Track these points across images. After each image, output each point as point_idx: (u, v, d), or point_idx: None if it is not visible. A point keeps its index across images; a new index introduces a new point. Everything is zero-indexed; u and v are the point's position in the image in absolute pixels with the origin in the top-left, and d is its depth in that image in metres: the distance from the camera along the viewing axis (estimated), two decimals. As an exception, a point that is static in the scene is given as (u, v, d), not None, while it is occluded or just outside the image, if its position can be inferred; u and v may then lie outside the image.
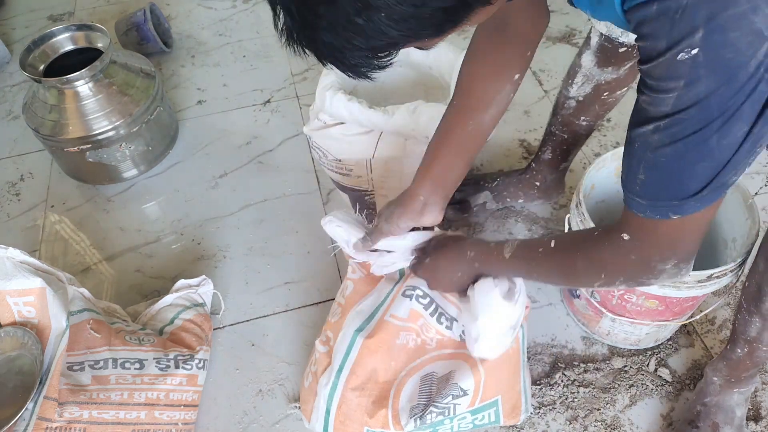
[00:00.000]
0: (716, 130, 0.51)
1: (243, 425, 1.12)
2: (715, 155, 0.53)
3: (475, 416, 1.00)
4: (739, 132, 0.51)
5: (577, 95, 1.16)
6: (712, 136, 0.51)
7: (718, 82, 0.49)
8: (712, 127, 0.51)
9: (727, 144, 0.52)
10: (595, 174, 1.12)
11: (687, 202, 0.56)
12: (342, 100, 1.10)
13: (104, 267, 1.38)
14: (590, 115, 1.19)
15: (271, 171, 1.55)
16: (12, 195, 1.55)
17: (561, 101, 1.21)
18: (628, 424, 1.10)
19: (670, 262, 0.64)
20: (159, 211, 1.49)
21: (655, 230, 0.62)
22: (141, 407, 1.01)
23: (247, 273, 1.34)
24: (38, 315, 0.99)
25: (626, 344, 1.18)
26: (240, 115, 1.70)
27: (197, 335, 1.14)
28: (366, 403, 0.96)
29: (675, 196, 0.57)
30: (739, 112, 0.50)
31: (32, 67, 1.40)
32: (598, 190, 1.16)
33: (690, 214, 0.57)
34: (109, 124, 1.40)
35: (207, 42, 1.94)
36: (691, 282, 0.96)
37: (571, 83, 1.16)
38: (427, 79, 1.27)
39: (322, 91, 1.14)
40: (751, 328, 0.93)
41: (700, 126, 0.51)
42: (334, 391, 0.97)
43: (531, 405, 1.05)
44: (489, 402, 0.99)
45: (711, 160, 0.53)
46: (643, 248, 0.65)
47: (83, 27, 1.46)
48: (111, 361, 1.01)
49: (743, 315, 0.93)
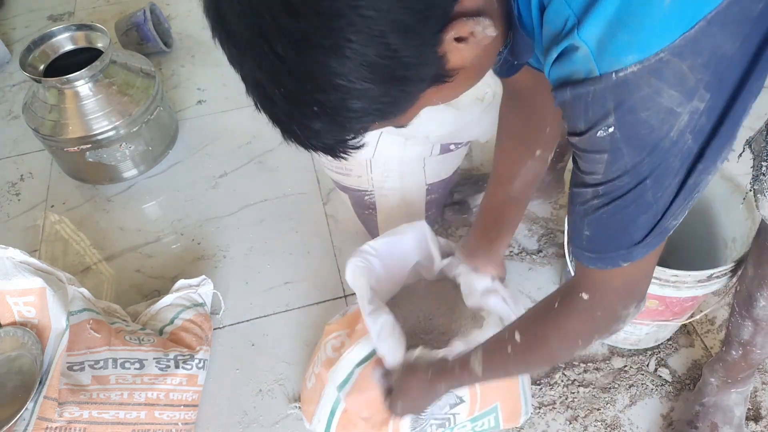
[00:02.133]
0: (650, 188, 0.54)
1: (243, 425, 1.12)
2: (652, 207, 0.56)
3: (475, 423, 1.00)
4: (672, 184, 0.55)
5: None
6: (647, 192, 0.55)
7: (640, 154, 0.52)
8: (646, 185, 0.54)
9: (663, 196, 0.55)
10: (595, 174, 1.11)
11: (634, 250, 0.59)
12: (342, 100, 1.10)
13: (104, 267, 1.38)
14: None
15: (271, 171, 1.55)
16: (12, 195, 1.55)
17: None
18: (628, 424, 1.10)
19: (632, 306, 0.67)
20: (159, 211, 1.49)
21: (610, 281, 0.64)
22: (141, 407, 1.01)
23: (247, 273, 1.34)
24: (38, 315, 0.99)
25: (626, 344, 1.18)
26: (240, 115, 1.70)
27: (197, 335, 1.14)
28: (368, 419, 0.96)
29: (621, 246, 0.60)
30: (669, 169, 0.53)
31: (32, 67, 1.40)
32: (598, 190, 1.16)
33: (638, 259, 0.60)
34: (109, 124, 1.40)
35: (207, 42, 1.92)
36: (691, 282, 0.96)
37: None
38: (427, 79, 1.27)
39: (322, 91, 1.13)
40: (744, 331, 0.93)
41: (633, 186, 0.54)
42: (337, 405, 0.98)
43: (531, 406, 1.05)
44: (488, 409, 0.99)
45: (650, 212, 0.56)
46: (604, 302, 0.67)
47: (83, 27, 1.46)
48: (111, 361, 1.01)
49: (736, 319, 0.94)
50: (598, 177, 0.56)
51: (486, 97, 1.11)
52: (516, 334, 0.77)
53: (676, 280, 0.95)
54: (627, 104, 0.50)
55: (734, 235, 1.06)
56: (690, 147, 0.52)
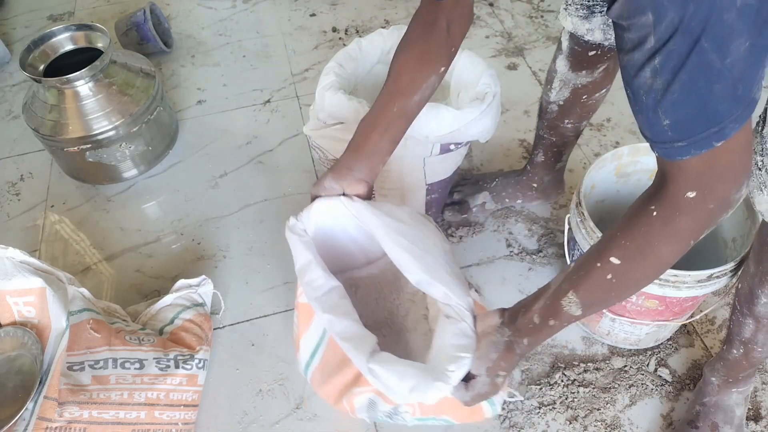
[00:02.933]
0: (711, 51, 0.51)
1: (243, 425, 1.12)
2: (724, 74, 0.52)
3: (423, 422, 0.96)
4: (740, 47, 0.51)
5: (557, 100, 1.17)
6: (709, 56, 0.51)
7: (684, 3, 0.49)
8: (703, 47, 0.51)
9: (733, 61, 0.52)
10: (595, 174, 1.12)
11: (726, 126, 0.55)
12: (342, 100, 1.10)
13: (104, 267, 1.38)
14: (573, 117, 1.19)
15: (271, 171, 1.55)
16: (12, 195, 1.55)
17: (544, 106, 1.22)
18: (628, 424, 1.10)
19: (743, 186, 0.62)
20: (159, 211, 1.49)
21: (713, 167, 0.59)
22: (141, 407, 1.01)
23: (247, 273, 1.34)
24: (38, 315, 0.99)
25: (626, 344, 1.18)
26: (240, 115, 1.70)
27: (197, 335, 1.14)
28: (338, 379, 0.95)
29: (711, 124, 0.56)
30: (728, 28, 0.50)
31: (32, 67, 1.40)
32: (598, 190, 1.16)
33: (732, 135, 0.56)
34: (109, 124, 1.40)
35: (207, 42, 1.94)
36: (691, 282, 0.96)
37: (550, 88, 1.17)
38: (427, 79, 1.27)
39: (322, 91, 1.14)
40: (745, 329, 0.93)
41: (690, 48, 0.51)
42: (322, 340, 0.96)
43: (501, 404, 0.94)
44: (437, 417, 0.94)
45: (724, 80, 0.53)
46: (715, 192, 0.61)
47: (83, 27, 1.46)
48: (111, 361, 1.01)
49: (737, 317, 0.94)
50: (649, 46, 0.52)
51: (486, 97, 1.11)
52: (612, 259, 0.69)
53: (676, 280, 0.95)
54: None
55: (734, 235, 1.06)
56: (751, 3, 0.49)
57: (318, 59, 1.84)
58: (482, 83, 1.14)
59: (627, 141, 1.55)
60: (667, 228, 0.65)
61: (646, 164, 1.15)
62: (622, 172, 1.16)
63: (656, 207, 0.65)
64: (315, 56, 1.86)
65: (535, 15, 1.96)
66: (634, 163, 1.15)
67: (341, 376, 0.95)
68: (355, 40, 1.23)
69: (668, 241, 0.66)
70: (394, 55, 0.95)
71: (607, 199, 1.19)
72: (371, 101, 1.11)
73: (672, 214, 0.64)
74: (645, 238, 0.67)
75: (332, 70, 1.17)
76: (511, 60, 1.81)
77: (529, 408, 1.11)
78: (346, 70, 1.20)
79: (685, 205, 0.62)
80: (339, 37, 1.92)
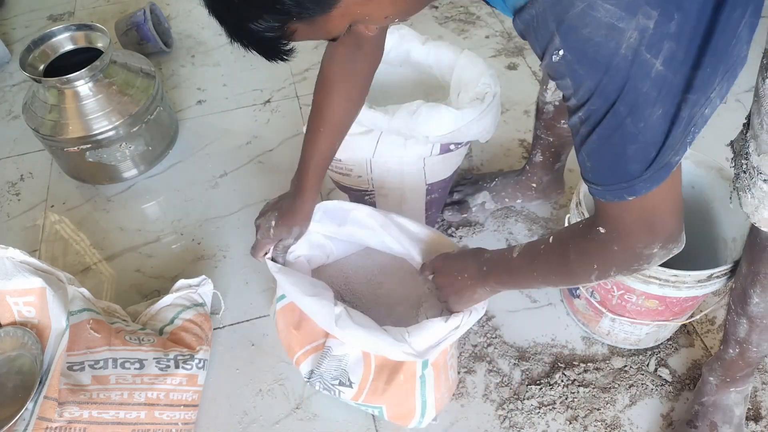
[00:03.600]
0: (627, 115, 0.55)
1: (243, 425, 1.12)
2: (638, 138, 0.56)
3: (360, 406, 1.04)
4: (655, 114, 0.55)
5: (553, 100, 1.18)
6: (625, 120, 0.55)
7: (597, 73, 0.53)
8: (619, 111, 0.55)
9: (647, 126, 0.55)
10: (595, 174, 1.12)
11: (635, 183, 0.59)
12: (342, 100, 1.10)
13: (104, 267, 1.38)
14: None
15: (271, 171, 1.55)
16: (12, 195, 1.55)
17: (540, 106, 1.23)
18: (628, 424, 1.10)
19: (655, 246, 0.66)
20: (159, 211, 1.49)
21: (622, 215, 0.64)
22: (141, 407, 1.01)
23: (247, 273, 1.34)
24: (38, 315, 0.99)
25: (626, 344, 1.18)
26: (240, 115, 1.70)
27: (197, 335, 1.14)
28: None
29: (621, 179, 0.60)
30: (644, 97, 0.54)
31: (32, 66, 1.40)
32: (598, 190, 1.16)
33: (643, 194, 0.60)
34: (109, 124, 1.40)
35: (207, 42, 1.94)
36: (691, 282, 0.96)
37: (546, 89, 1.18)
38: (427, 79, 1.27)
39: (322, 91, 1.13)
40: (740, 329, 0.93)
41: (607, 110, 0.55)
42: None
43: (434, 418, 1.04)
44: (372, 405, 1.02)
45: (638, 143, 0.57)
46: (621, 238, 0.66)
47: (83, 27, 1.46)
48: (111, 361, 1.01)
49: (732, 316, 0.94)
50: (574, 102, 0.57)
51: (486, 97, 1.11)
52: (551, 237, 0.78)
53: (676, 280, 0.96)
54: (566, 23, 0.51)
55: (734, 235, 1.06)
56: (665, 75, 0.52)
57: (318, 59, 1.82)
58: (482, 83, 1.14)
59: (627, 141, 1.55)
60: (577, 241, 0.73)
61: (646, 164, 1.15)
62: (622, 172, 1.16)
63: (584, 223, 0.73)
64: (315, 56, 1.86)
65: (535, 15, 1.96)
66: (634, 163, 1.15)
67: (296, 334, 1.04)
68: (355, 40, 1.23)
69: (576, 253, 0.74)
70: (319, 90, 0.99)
71: (607, 199, 1.19)
72: (371, 101, 1.11)
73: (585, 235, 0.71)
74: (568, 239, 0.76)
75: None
76: (511, 60, 1.81)
77: (529, 408, 1.11)
78: (346, 70, 1.19)
79: (594, 235, 0.69)
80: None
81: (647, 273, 0.96)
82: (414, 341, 0.89)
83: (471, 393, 1.14)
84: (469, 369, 1.16)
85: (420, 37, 1.26)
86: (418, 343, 0.89)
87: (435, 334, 0.90)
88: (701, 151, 1.10)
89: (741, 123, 0.79)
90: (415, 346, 0.89)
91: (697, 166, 1.11)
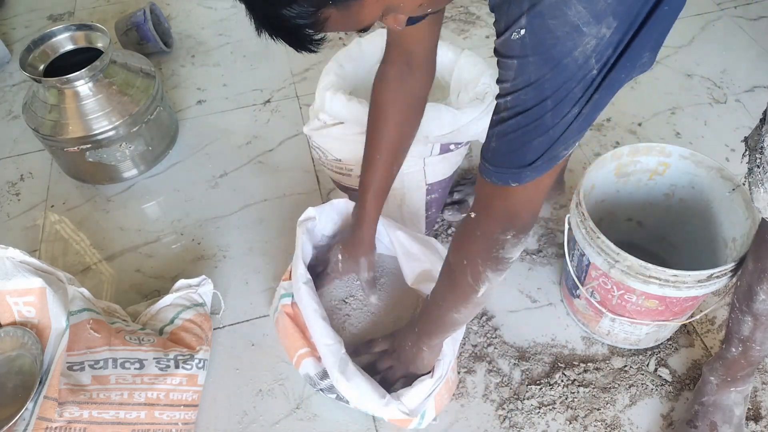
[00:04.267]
0: (550, 110, 0.57)
1: (243, 425, 1.12)
2: (549, 132, 0.59)
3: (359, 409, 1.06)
4: (570, 113, 0.58)
5: None
6: (546, 114, 0.58)
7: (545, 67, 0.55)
8: (546, 106, 0.57)
9: (560, 123, 0.58)
10: (595, 174, 1.12)
11: (524, 171, 0.63)
12: (342, 100, 1.10)
13: (104, 267, 1.38)
14: None
15: (271, 171, 1.55)
16: (12, 195, 1.55)
17: None
18: (628, 424, 1.10)
19: (509, 233, 0.70)
20: (159, 211, 1.49)
21: (494, 199, 0.69)
22: (141, 407, 1.01)
23: (247, 273, 1.34)
24: (38, 315, 0.99)
25: (626, 344, 1.18)
26: (240, 115, 1.70)
27: (197, 335, 1.14)
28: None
29: (514, 165, 0.63)
30: (571, 96, 0.56)
31: (32, 66, 1.40)
32: (598, 190, 1.16)
33: (525, 183, 0.64)
34: (109, 124, 1.40)
35: (207, 42, 1.94)
36: (691, 282, 0.96)
37: None
38: (427, 79, 1.27)
39: (322, 91, 1.14)
40: (744, 327, 0.93)
41: (536, 103, 0.57)
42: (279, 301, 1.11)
43: (434, 418, 1.06)
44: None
45: (546, 136, 0.60)
46: (485, 222, 0.71)
47: (83, 27, 1.46)
48: (111, 361, 1.01)
49: (736, 314, 0.94)
50: (507, 86, 0.59)
51: (486, 97, 1.11)
52: None
53: (676, 280, 0.96)
54: (538, 7, 0.53)
55: (734, 235, 1.06)
56: (593, 77, 0.55)
57: (318, 59, 1.84)
58: (482, 83, 1.14)
59: (627, 141, 1.55)
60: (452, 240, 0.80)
61: (646, 164, 1.15)
62: (621, 172, 1.16)
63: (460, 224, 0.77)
64: (315, 56, 1.85)
65: (535, 15, 1.96)
66: (634, 163, 1.15)
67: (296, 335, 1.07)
68: (355, 40, 1.23)
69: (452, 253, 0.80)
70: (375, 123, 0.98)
71: (607, 199, 1.19)
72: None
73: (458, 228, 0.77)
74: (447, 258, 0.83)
75: (332, 70, 1.17)
76: (511, 60, 1.81)
77: (529, 408, 1.11)
78: (346, 70, 1.20)
79: (465, 222, 0.74)
80: (339, 36, 1.92)
81: (648, 273, 0.96)
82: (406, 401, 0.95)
83: (471, 393, 1.14)
84: (469, 369, 1.16)
85: (420, 37, 1.26)
86: (410, 402, 0.96)
87: (424, 391, 0.96)
88: (701, 151, 1.10)
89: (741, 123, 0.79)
90: (408, 405, 0.96)
91: (697, 166, 1.11)
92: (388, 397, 0.93)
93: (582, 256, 1.06)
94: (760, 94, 1.63)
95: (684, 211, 1.17)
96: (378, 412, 0.97)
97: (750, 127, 0.87)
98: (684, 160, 1.12)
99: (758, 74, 1.68)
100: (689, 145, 1.37)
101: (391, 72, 0.94)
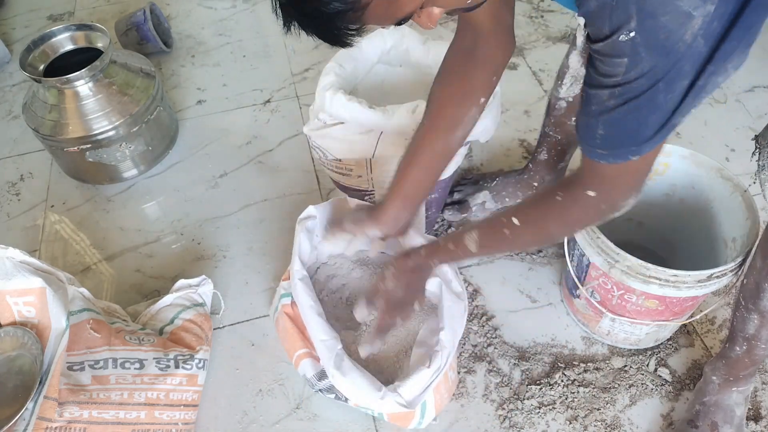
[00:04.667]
0: (662, 90, 0.59)
1: (243, 425, 1.12)
2: (663, 107, 0.61)
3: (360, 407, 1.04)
4: (681, 86, 0.59)
5: (567, 96, 1.17)
6: (659, 94, 0.59)
7: (657, 56, 0.56)
8: (659, 87, 0.58)
9: (673, 97, 0.60)
10: (595, 174, 1.12)
11: (644, 146, 0.64)
12: (342, 100, 1.10)
13: (104, 267, 1.38)
14: None
15: (271, 171, 1.55)
16: (12, 195, 1.55)
17: (552, 102, 1.22)
18: (628, 424, 1.10)
19: (632, 197, 0.73)
20: (159, 211, 1.49)
21: (618, 176, 0.70)
22: (141, 407, 1.01)
23: (247, 273, 1.34)
24: (38, 315, 0.99)
25: (626, 344, 1.18)
26: (240, 115, 1.70)
27: (197, 335, 1.14)
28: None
29: (633, 143, 0.64)
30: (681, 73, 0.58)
31: (32, 66, 1.40)
32: (598, 190, 1.16)
33: (646, 153, 0.66)
34: (109, 124, 1.40)
35: (207, 42, 1.94)
36: (691, 282, 0.96)
37: (561, 84, 1.17)
38: (427, 79, 1.27)
39: (322, 91, 1.14)
40: (750, 325, 0.93)
41: (648, 88, 0.59)
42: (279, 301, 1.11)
43: (434, 418, 1.05)
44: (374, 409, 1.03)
45: (661, 111, 0.61)
46: (610, 196, 0.72)
47: (83, 27, 1.46)
48: (111, 361, 1.01)
49: (741, 312, 0.94)
50: (616, 79, 0.60)
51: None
52: (514, 219, 0.81)
53: (676, 280, 0.96)
54: (648, 7, 0.54)
55: (734, 235, 1.06)
56: (701, 50, 0.56)
57: (318, 59, 1.84)
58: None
59: (627, 141, 1.55)
60: (562, 214, 0.78)
61: (646, 164, 1.15)
62: (622, 172, 1.16)
63: (562, 194, 0.76)
64: (315, 56, 1.86)
65: (535, 15, 1.96)
66: (634, 163, 1.15)
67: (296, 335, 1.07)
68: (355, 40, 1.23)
69: (559, 224, 0.80)
70: (432, 87, 0.95)
71: (607, 199, 1.19)
72: (371, 101, 1.11)
73: (571, 204, 0.76)
74: (543, 215, 0.80)
75: (332, 70, 1.17)
76: (511, 60, 1.80)
77: (529, 408, 1.11)
78: (346, 70, 1.20)
79: (583, 201, 0.74)
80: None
81: (648, 273, 0.96)
82: (404, 392, 0.92)
83: (471, 393, 1.14)
84: (469, 369, 1.16)
85: (420, 37, 1.26)
86: (407, 393, 0.93)
87: (421, 382, 0.93)
88: (701, 151, 1.10)
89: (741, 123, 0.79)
90: (406, 397, 0.93)
91: (697, 166, 1.11)
92: (384, 389, 0.92)
93: (582, 256, 1.06)
94: (760, 94, 1.63)
95: (684, 211, 1.17)
96: (376, 406, 0.96)
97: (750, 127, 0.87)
98: (684, 160, 1.12)
99: (758, 74, 1.68)
100: (689, 145, 1.36)
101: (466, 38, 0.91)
